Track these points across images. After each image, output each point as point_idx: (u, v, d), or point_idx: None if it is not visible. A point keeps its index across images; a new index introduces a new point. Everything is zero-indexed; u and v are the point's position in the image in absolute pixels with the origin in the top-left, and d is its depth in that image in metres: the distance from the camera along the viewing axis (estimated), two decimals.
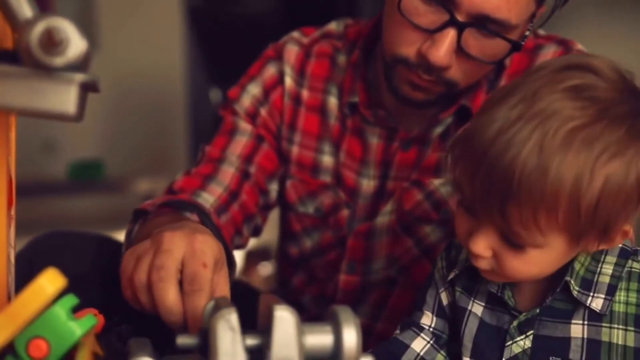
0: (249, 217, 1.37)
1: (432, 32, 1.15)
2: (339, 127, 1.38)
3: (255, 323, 0.82)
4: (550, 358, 0.98)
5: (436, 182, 1.32)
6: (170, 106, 4.28)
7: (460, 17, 1.13)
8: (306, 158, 1.40)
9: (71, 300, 0.80)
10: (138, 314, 1.04)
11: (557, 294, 0.98)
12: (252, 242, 1.48)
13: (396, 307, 1.39)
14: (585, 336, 0.96)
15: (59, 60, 0.71)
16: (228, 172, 1.35)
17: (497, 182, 0.87)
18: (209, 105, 4.59)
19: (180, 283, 0.93)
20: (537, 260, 0.93)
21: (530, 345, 0.99)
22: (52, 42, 0.70)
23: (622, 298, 0.96)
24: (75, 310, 0.82)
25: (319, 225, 1.42)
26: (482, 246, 0.94)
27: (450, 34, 1.13)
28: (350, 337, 0.75)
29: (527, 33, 1.18)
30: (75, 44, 0.71)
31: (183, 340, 0.81)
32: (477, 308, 1.05)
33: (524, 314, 1.00)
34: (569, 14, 3.49)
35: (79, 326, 0.79)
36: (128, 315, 1.04)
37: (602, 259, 0.98)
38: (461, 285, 1.07)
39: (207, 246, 0.95)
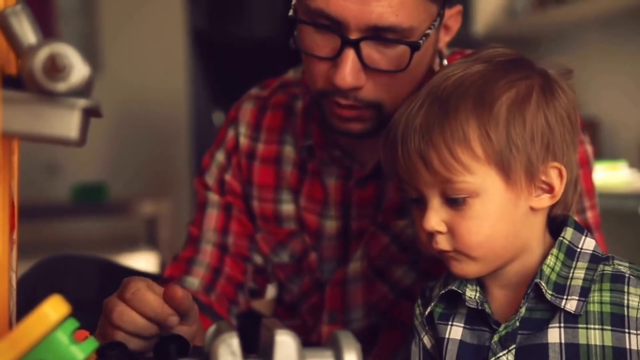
0: (239, 287, 1.41)
1: (333, 59, 1.16)
2: (297, 173, 1.39)
3: (257, 347, 0.82)
4: None
5: (401, 223, 1.32)
6: (173, 129, 4.28)
7: (353, 35, 1.13)
8: (267, 210, 1.41)
9: (72, 324, 0.80)
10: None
11: (534, 304, 1.00)
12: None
13: (386, 345, 1.38)
14: (563, 341, 0.97)
15: (61, 86, 0.71)
16: (207, 251, 1.40)
17: (410, 141, 0.99)
18: (212, 127, 4.59)
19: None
20: (483, 213, 0.98)
21: None
22: (55, 67, 0.70)
23: (596, 298, 0.97)
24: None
25: (297, 272, 1.42)
26: (435, 220, 1.00)
27: (350, 55, 1.14)
28: None
29: (429, 32, 1.17)
30: (78, 70, 0.72)
31: None
32: (455, 331, 1.06)
33: (503, 325, 1.01)
34: (573, 36, 3.51)
35: (81, 350, 0.79)
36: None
37: (573, 265, 1.00)
38: (438, 315, 1.08)
39: (132, 278, 1.08)
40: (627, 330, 0.95)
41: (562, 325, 0.98)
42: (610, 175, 2.82)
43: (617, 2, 2.96)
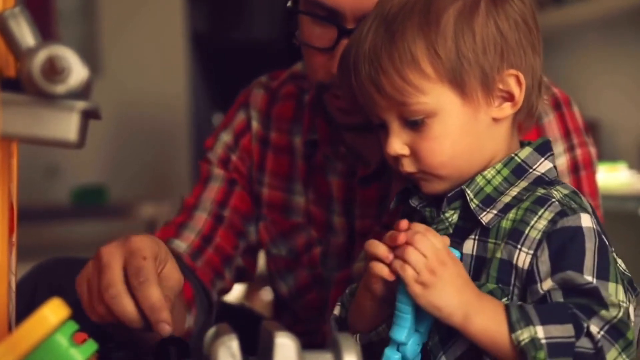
0: (227, 260, 1.38)
1: (331, 50, 1.16)
2: (306, 165, 1.38)
3: (257, 349, 0.82)
4: None
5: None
6: (173, 131, 4.28)
7: (350, 25, 1.13)
8: (276, 198, 1.40)
9: (72, 327, 0.80)
10: (136, 341, 1.04)
11: (465, 213, 0.97)
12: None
13: None
14: (474, 253, 0.96)
15: (60, 88, 0.72)
16: (201, 218, 1.37)
17: (361, 68, 0.97)
18: (211, 130, 4.60)
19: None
20: (442, 132, 0.96)
21: None
22: (53, 70, 0.71)
23: (511, 216, 0.95)
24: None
25: (292, 267, 1.40)
26: (397, 145, 0.98)
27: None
28: None
29: None
30: (77, 72, 0.72)
31: None
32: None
33: (432, 227, 0.98)
34: (572, 38, 3.51)
35: (80, 353, 0.79)
36: (127, 342, 1.04)
37: (516, 183, 0.97)
38: (404, 215, 1.06)
39: (142, 243, 1.01)
40: (519, 246, 0.93)
41: (476, 237, 0.96)
42: (610, 177, 2.82)
43: (616, 3, 2.96)
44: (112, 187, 4.00)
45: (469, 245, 0.97)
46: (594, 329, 0.87)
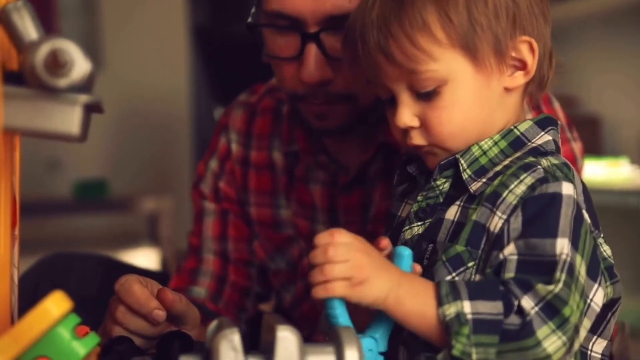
0: (245, 292, 1.41)
1: (298, 58, 1.15)
2: (287, 178, 1.38)
3: (259, 343, 0.82)
4: (423, 244, 0.95)
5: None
6: (174, 125, 4.28)
7: (312, 30, 1.13)
8: (264, 215, 1.40)
9: (74, 320, 0.80)
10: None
11: (457, 181, 0.96)
12: None
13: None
14: (456, 219, 0.94)
15: (63, 82, 0.72)
16: (209, 260, 1.40)
17: (369, 37, 0.95)
18: (213, 124, 4.59)
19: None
20: (454, 101, 0.94)
21: (419, 232, 0.97)
22: (56, 63, 0.71)
23: (496, 182, 0.92)
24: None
25: (293, 279, 1.41)
26: (407, 116, 0.96)
27: (312, 49, 1.14)
28: (352, 357, 0.75)
29: None
30: (80, 66, 0.72)
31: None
32: (407, 209, 1.03)
33: (420, 196, 0.98)
34: (574, 33, 3.50)
35: (83, 345, 0.80)
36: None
37: (511, 154, 0.95)
38: (399, 192, 1.06)
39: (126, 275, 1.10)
40: (495, 209, 0.90)
41: (461, 204, 0.95)
42: (611, 172, 2.82)
43: None
44: (114, 180, 4.00)
45: (452, 211, 0.95)
46: (527, 304, 0.83)
